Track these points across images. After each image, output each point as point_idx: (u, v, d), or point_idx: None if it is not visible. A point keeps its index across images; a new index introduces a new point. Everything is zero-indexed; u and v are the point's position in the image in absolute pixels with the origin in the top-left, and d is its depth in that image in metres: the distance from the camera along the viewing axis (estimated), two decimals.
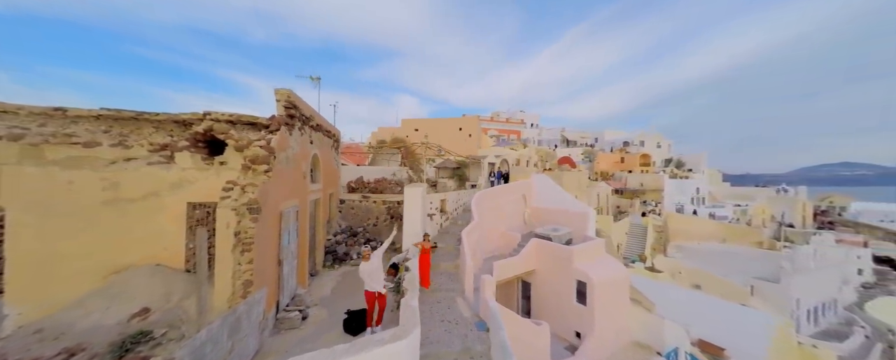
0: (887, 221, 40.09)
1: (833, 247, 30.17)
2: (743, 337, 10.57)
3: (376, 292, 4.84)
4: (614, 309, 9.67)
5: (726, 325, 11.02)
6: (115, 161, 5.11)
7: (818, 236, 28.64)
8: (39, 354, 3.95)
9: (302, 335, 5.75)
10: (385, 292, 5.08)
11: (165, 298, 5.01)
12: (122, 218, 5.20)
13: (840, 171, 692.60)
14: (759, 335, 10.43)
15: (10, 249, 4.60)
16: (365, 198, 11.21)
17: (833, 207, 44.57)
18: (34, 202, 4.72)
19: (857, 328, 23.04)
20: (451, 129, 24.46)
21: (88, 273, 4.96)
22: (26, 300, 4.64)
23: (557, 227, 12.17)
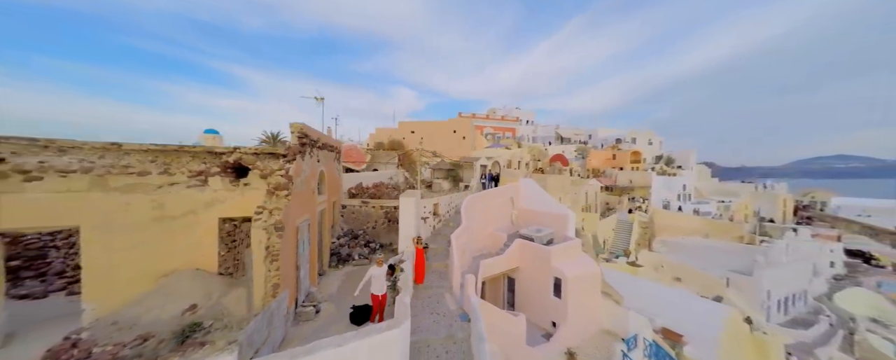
0: (864, 215, 41.96)
1: (808, 241, 31.90)
2: (700, 325, 12.04)
3: (381, 294, 6.09)
4: (586, 302, 11.04)
5: (686, 315, 12.47)
6: (162, 186, 6.26)
7: (792, 232, 30.28)
8: (120, 340, 5.17)
9: (316, 326, 7.01)
10: (386, 294, 6.35)
11: (207, 296, 6.23)
12: (168, 232, 6.38)
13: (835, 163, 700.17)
14: (714, 324, 11.89)
15: (84, 258, 5.78)
16: (364, 203, 12.42)
17: (814, 201, 46.42)
18: (100, 221, 5.88)
19: (823, 317, 24.85)
20: (446, 131, 25.54)
21: (143, 277, 6.16)
22: (97, 298, 5.84)
23: (540, 228, 13.48)
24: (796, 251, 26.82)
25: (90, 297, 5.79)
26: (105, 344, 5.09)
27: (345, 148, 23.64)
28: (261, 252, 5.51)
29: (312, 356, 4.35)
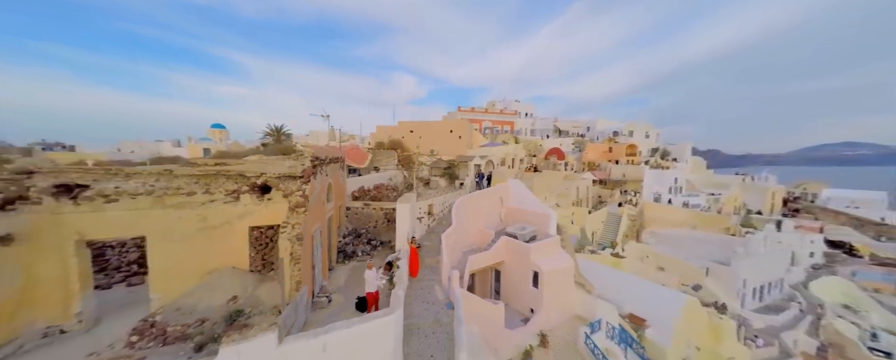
0: (852, 207, 43.24)
1: (790, 233, 33.44)
2: (661, 311, 13.78)
3: (375, 291, 7.79)
4: (559, 291, 12.75)
5: (650, 302, 14.21)
6: (204, 202, 7.85)
7: (772, 224, 31.75)
8: (184, 322, 6.89)
9: (329, 313, 8.73)
10: (378, 290, 8.07)
11: (244, 289, 7.93)
12: (210, 238, 8.02)
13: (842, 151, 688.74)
14: (673, 309, 13.62)
15: (150, 260, 7.45)
16: (366, 205, 14.03)
17: (806, 193, 47.63)
18: (160, 231, 7.51)
19: (794, 304, 26.67)
20: (443, 130, 26.82)
21: (193, 274, 7.85)
22: (161, 290, 7.55)
23: (525, 226, 15.07)
24: (774, 243, 28.40)
25: (156, 289, 7.50)
26: (174, 325, 6.81)
27: (347, 148, 25.12)
28: (287, 257, 7.13)
29: (329, 335, 6.02)
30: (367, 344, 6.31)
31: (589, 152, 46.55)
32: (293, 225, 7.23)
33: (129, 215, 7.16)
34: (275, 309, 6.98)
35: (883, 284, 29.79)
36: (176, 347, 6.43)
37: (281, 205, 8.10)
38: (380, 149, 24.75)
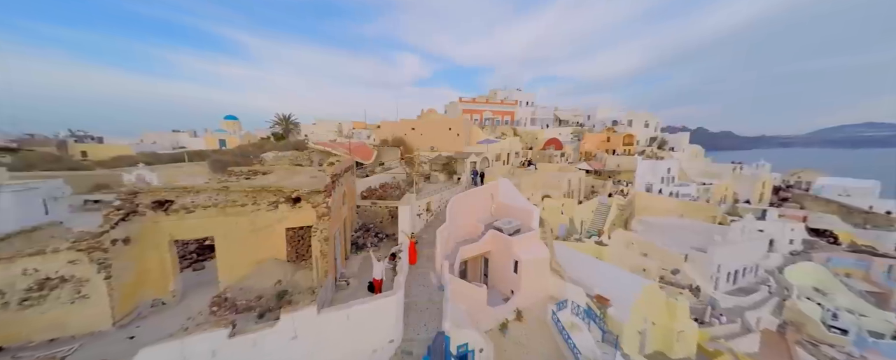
0: (844, 195, 44.60)
1: (773, 221, 35.41)
2: (623, 292, 16.39)
3: (380, 279, 10.43)
4: (534, 277, 15.37)
5: (615, 285, 16.81)
6: (253, 211, 10.41)
7: (750, 214, 33.66)
8: (247, 298, 9.63)
9: (348, 293, 11.46)
10: (382, 277, 10.69)
11: (285, 275, 10.64)
12: (258, 237, 10.65)
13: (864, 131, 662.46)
14: (633, 291, 16.21)
15: (218, 253, 10.14)
16: (374, 204, 16.58)
17: (800, 181, 48.87)
18: (223, 232, 10.14)
19: (764, 286, 29.23)
20: (443, 128, 28.87)
21: (247, 263, 10.55)
22: (225, 275, 10.28)
23: (511, 220, 17.56)
24: (752, 231, 30.49)
25: (222, 275, 10.24)
26: (241, 299, 9.58)
27: (355, 145, 27.47)
28: (317, 253, 9.73)
29: (351, 308, 8.67)
30: (378, 316, 9.00)
31: (587, 142, 48.09)
32: (321, 230, 9.77)
33: (202, 221, 9.77)
34: (310, 290, 9.67)
35: (854, 269, 32.03)
36: (244, 315, 9.19)
37: (309, 211, 10.62)
38: (384, 146, 27.04)
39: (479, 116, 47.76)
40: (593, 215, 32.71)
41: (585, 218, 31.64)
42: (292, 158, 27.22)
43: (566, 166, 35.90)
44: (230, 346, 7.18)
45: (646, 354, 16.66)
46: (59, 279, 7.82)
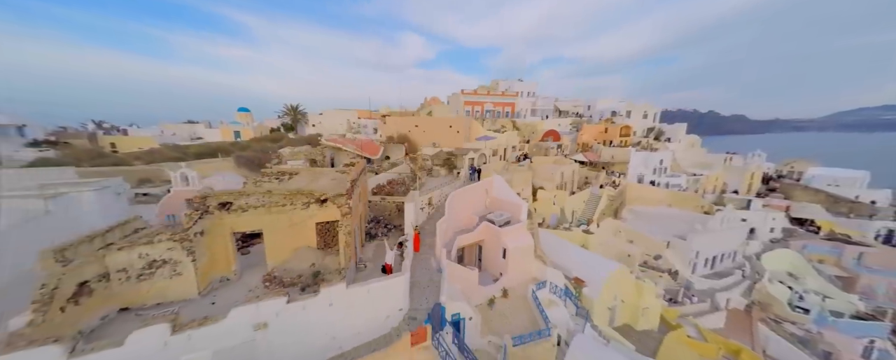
0: (833, 185, 46.37)
1: (757, 211, 37.69)
2: (597, 275, 19.26)
3: (391, 263, 13.32)
4: (519, 262, 18.22)
5: (590, 268, 19.66)
6: (290, 210, 13.24)
7: (730, 205, 35.86)
8: (291, 276, 12.63)
9: (366, 274, 14.44)
10: (392, 262, 13.55)
11: (316, 259, 13.61)
12: (294, 230, 13.54)
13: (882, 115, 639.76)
14: (604, 274, 19.06)
15: (266, 243, 13.08)
16: (383, 199, 19.36)
17: (793, 171, 50.48)
18: (269, 226, 13.02)
19: (739, 271, 32.02)
20: (444, 126, 31.10)
21: (288, 250, 13.50)
22: (273, 259, 13.27)
23: (502, 213, 20.29)
24: (731, 220, 32.88)
25: (270, 259, 13.23)
26: (286, 277, 12.58)
27: (363, 142, 30.04)
28: (343, 244, 12.60)
29: (370, 285, 11.60)
30: (390, 291, 11.95)
31: (585, 133, 49.87)
32: (345, 225, 12.60)
33: (253, 218, 12.64)
34: (337, 271, 12.62)
35: (827, 256, 34.58)
36: (290, 288, 12.19)
37: (334, 209, 13.41)
38: (390, 142, 29.52)
39: (480, 108, 49.55)
40: (584, 205, 35.32)
41: (577, 208, 34.26)
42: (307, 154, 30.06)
43: (561, 159, 38.12)
44: (288, 309, 10.19)
45: (614, 326, 19.73)
46: (162, 261, 10.81)
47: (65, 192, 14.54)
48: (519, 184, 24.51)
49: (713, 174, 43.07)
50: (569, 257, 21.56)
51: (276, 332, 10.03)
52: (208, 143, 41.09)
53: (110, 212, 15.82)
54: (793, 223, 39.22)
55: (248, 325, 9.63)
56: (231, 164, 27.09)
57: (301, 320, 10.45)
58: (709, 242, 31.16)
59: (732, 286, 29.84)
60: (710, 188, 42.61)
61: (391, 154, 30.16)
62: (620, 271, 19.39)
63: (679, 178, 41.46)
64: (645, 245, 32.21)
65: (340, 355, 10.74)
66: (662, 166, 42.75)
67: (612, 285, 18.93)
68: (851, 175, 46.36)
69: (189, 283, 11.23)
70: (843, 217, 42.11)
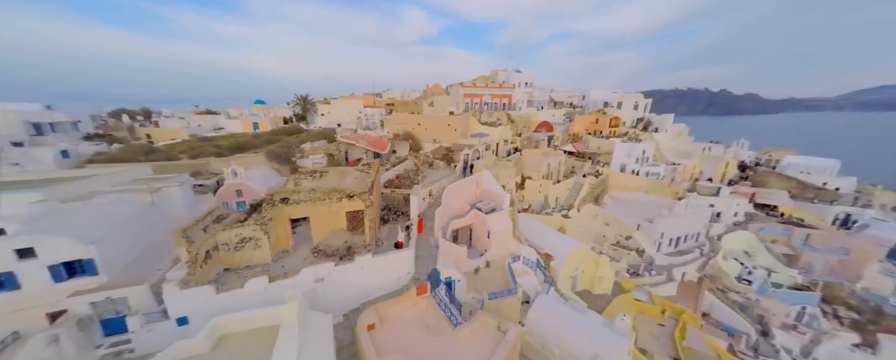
0: (805, 173, 50.46)
1: (725, 198, 42.27)
2: (562, 251, 24.52)
3: (400, 241, 18.59)
4: (500, 241, 23.48)
5: (556, 245, 24.91)
6: (329, 202, 18.41)
7: (694, 192, 40.43)
8: (331, 249, 17.99)
9: (383, 249, 19.76)
10: (402, 240, 18.82)
11: (348, 238, 18.96)
12: (331, 216, 18.79)
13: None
14: (568, 250, 24.32)
15: (313, 226, 18.39)
16: (392, 191, 24.44)
17: (770, 159, 54.39)
18: (314, 215, 18.25)
19: (698, 249, 37.25)
20: (444, 124, 35.45)
21: (327, 231, 18.82)
22: (316, 237, 18.63)
23: (489, 202, 25.39)
24: (695, 207, 37.65)
25: (315, 237, 18.58)
26: (327, 249, 17.96)
27: (373, 138, 34.74)
28: (368, 227, 17.82)
29: (388, 255, 16.93)
30: (401, 261, 17.30)
31: (576, 124, 53.77)
32: (368, 214, 17.76)
33: (303, 208, 17.80)
34: (364, 246, 17.93)
35: (780, 237, 39.58)
36: (331, 258, 17.55)
37: (359, 202, 18.54)
38: (397, 139, 34.11)
39: (479, 100, 53.26)
40: (568, 193, 40.21)
41: (560, 195, 39.19)
42: (325, 149, 35.10)
43: (549, 151, 42.55)
44: (335, 271, 15.57)
45: (576, 291, 25.26)
46: (248, 238, 16.13)
47: (160, 187, 19.75)
48: (504, 177, 29.30)
49: (690, 163, 47.29)
50: (542, 237, 26.82)
51: (328, 284, 15.46)
52: (234, 135, 45.96)
53: (187, 202, 21.13)
54: (758, 208, 43.87)
55: (311, 279, 15.04)
56: (263, 158, 32.04)
57: (343, 277, 15.87)
58: (673, 225, 36.15)
59: (690, 262, 35.18)
60: (687, 176, 47.00)
61: (397, 149, 34.95)
62: (581, 249, 24.64)
63: (658, 167, 45.81)
64: (618, 227, 37.39)
65: (369, 301, 16.25)
66: (645, 156, 47.01)
67: (574, 259, 24.24)
68: (823, 163, 50.28)
69: (265, 253, 16.61)
70: (808, 203, 46.63)
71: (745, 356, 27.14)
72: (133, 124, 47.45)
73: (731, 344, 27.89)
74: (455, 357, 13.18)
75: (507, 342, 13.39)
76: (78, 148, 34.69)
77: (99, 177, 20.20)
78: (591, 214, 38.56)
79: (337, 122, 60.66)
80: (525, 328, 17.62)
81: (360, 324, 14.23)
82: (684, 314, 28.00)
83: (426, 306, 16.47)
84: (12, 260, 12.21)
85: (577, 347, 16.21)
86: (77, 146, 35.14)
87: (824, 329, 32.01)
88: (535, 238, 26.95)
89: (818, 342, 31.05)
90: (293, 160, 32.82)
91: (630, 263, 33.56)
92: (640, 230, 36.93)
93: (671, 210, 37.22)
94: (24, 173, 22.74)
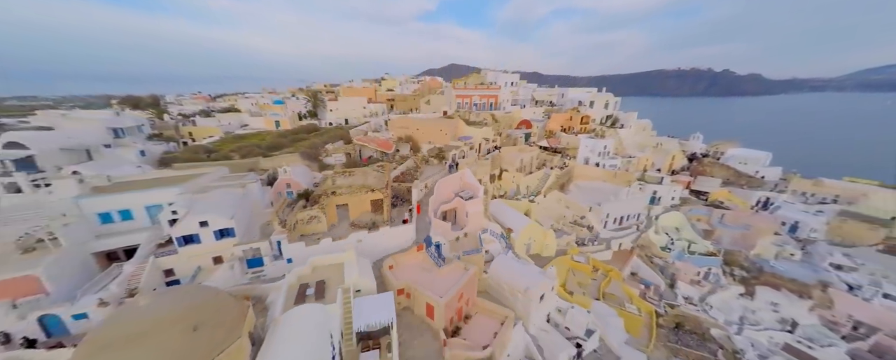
0: (743, 163, 60.73)
1: (667, 186, 52.74)
2: (518, 226, 35.26)
3: (407, 219, 29.14)
4: (475, 219, 34.17)
5: (516, 222, 35.66)
6: (360, 193, 28.82)
7: (641, 181, 50.84)
8: (362, 224, 28.54)
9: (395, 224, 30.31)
10: (408, 218, 29.42)
11: (371, 217, 29.57)
12: (361, 203, 29.31)
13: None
14: (523, 225, 35.07)
15: (350, 209, 28.92)
16: (399, 184, 34.81)
17: (717, 151, 64.44)
18: (351, 201, 28.71)
19: (635, 226, 48.11)
20: (437, 128, 45.04)
21: (359, 212, 29.38)
22: (353, 216, 29.23)
23: (468, 191, 35.93)
24: (636, 193, 48.12)
25: (351, 216, 29.15)
26: (358, 224, 28.56)
27: (380, 140, 44.74)
28: (385, 210, 28.25)
29: (398, 228, 27.52)
30: (406, 231, 28.07)
31: (552, 121, 63.28)
32: (386, 202, 28.14)
33: (344, 198, 28.10)
34: (383, 221, 28.48)
35: (703, 216, 50.49)
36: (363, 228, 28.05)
37: (379, 194, 28.92)
38: (400, 141, 43.73)
39: (469, 100, 62.22)
40: (538, 182, 50.57)
41: (531, 184, 49.58)
42: (344, 149, 45.35)
43: (524, 147, 52.45)
44: (367, 236, 26.27)
45: (529, 253, 36.19)
46: (314, 216, 26.57)
47: (245, 183, 29.95)
48: (481, 173, 39.40)
49: (643, 156, 57.34)
50: (507, 217, 37.52)
51: (364, 244, 26.10)
52: (261, 134, 55.51)
53: (260, 192, 31.45)
54: (693, 194, 54.49)
55: (354, 240, 25.65)
56: (297, 157, 41.99)
57: (372, 240, 26.50)
58: (617, 207, 46.84)
59: (628, 235, 46.19)
60: (640, 167, 57.19)
61: (400, 148, 45.00)
62: (532, 225, 35.37)
63: (616, 159, 55.91)
64: (575, 209, 48.11)
65: (389, 253, 26.99)
66: (606, 151, 57.00)
67: (527, 232, 35.02)
68: (756, 155, 60.46)
69: (323, 225, 27.17)
70: (740, 188, 57.26)
71: (651, 300, 38.62)
72: (177, 124, 56.89)
73: (643, 291, 39.47)
74: (439, 282, 23.93)
75: (468, 273, 24.13)
76: (148, 147, 44.64)
77: (204, 176, 30.39)
78: (555, 198, 49.15)
79: (344, 117, 69.90)
80: (487, 275, 28.49)
81: (385, 266, 24.94)
82: (611, 271, 39.40)
83: (422, 256, 27.20)
84: (196, 227, 22.58)
85: (518, 284, 27.09)
86: (147, 146, 45.04)
87: (721, 284, 43.53)
88: (501, 217, 37.64)
89: (714, 292, 42.61)
90: (320, 159, 42.92)
91: (579, 236, 44.54)
92: (591, 211, 47.67)
93: (616, 195, 47.79)
94: (150, 173, 32.95)
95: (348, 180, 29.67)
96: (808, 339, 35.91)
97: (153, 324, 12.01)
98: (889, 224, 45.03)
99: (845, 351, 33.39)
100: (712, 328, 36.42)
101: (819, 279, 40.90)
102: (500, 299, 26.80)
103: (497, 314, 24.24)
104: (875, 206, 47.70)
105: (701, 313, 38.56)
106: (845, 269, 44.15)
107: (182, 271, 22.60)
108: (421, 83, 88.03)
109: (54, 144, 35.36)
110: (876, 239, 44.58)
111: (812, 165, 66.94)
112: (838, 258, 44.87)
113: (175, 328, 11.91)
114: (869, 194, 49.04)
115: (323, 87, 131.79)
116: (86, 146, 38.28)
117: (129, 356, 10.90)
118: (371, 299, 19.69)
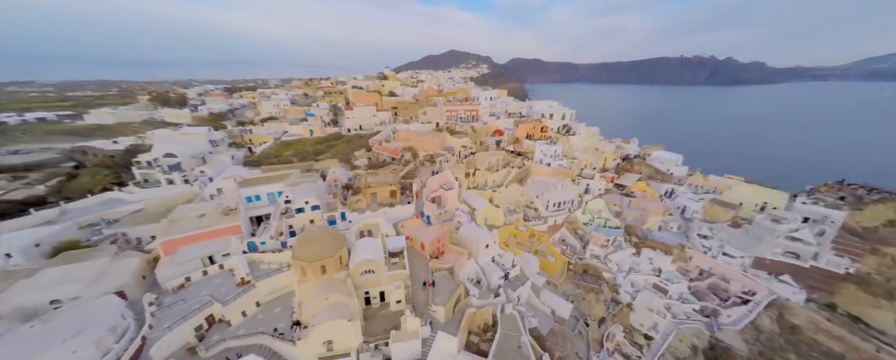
0: (661, 163, 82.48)
1: (597, 180, 74.84)
2: (479, 207, 57.60)
3: (410, 201, 51.46)
4: (452, 203, 56.70)
5: (478, 204, 58.08)
6: (385, 186, 51.14)
7: (575, 178, 72.85)
8: (386, 204, 50.88)
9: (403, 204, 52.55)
10: (412, 201, 51.83)
11: (391, 200, 52.06)
12: (385, 192, 51.77)
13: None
14: (482, 206, 57.47)
15: (378, 195, 51.45)
16: (404, 180, 56.99)
17: (646, 153, 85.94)
18: (379, 192, 51.09)
19: (568, 209, 70.81)
20: (430, 140, 66.58)
21: (382, 197, 51.85)
22: (380, 200, 51.76)
23: (448, 184, 58.47)
24: (568, 186, 70.13)
25: (379, 200, 51.56)
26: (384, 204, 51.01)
27: (391, 149, 66.95)
28: (398, 196, 50.50)
29: (406, 206, 49.77)
30: (410, 208, 50.47)
31: (519, 130, 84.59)
32: (397, 191, 50.30)
33: (375, 189, 50.19)
34: (397, 203, 50.83)
35: (618, 202, 72.99)
36: (386, 206, 50.33)
37: (395, 187, 51.12)
38: (404, 149, 65.19)
39: (456, 114, 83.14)
40: (502, 178, 72.60)
41: (497, 179, 71.68)
42: (366, 155, 68.43)
43: (495, 151, 74.09)
44: (389, 210, 48.76)
45: (486, 224, 58.74)
46: (358, 200, 48.82)
47: (315, 179, 51.90)
48: (458, 172, 61.39)
49: (584, 158, 78.90)
50: (474, 201, 59.98)
51: (387, 214, 48.42)
52: (302, 140, 77.26)
53: (321, 185, 53.56)
54: (617, 187, 76.50)
55: (382, 212, 48.00)
56: (336, 161, 63.83)
57: (391, 212, 48.99)
58: (555, 195, 69.12)
59: (561, 215, 68.72)
60: (581, 166, 78.88)
61: (404, 154, 67.22)
62: (487, 206, 57.79)
63: (562, 160, 77.58)
64: (526, 197, 70.44)
65: (400, 220, 49.39)
66: (556, 154, 78.72)
67: (483, 211, 57.53)
68: (670, 157, 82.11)
69: (364, 204, 49.56)
70: (655, 182, 79.24)
71: (567, 255, 61.44)
72: (242, 133, 78.60)
73: (563, 250, 62.39)
74: (427, 233, 46.26)
75: (443, 229, 46.52)
76: (234, 153, 66.76)
77: (292, 174, 52.53)
78: (513, 189, 71.39)
79: (359, 124, 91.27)
80: (458, 233, 50.84)
81: (399, 225, 47.30)
82: (542, 236, 62.22)
83: (419, 222, 49.55)
84: (303, 204, 44.82)
85: (474, 238, 49.56)
86: (231, 151, 67.16)
87: (622, 246, 66.22)
88: (470, 201, 60.04)
89: (615, 251, 65.38)
90: (351, 162, 64.98)
91: (527, 214, 66.98)
92: (538, 198, 69.98)
93: (555, 187, 70.05)
94: (258, 174, 55.18)
95: (375, 179, 51.69)
96: (667, 280, 58.99)
97: (317, 235, 34.46)
98: (736, 208, 67.14)
99: (686, 286, 56.23)
100: (604, 273, 59.67)
101: (679, 243, 63.82)
102: (464, 246, 49.57)
103: (460, 252, 46.93)
104: (732, 195, 69.76)
105: (600, 264, 61.51)
106: (707, 238, 67.15)
107: (297, 226, 45.06)
108: (420, 92, 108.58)
109: (188, 153, 57.48)
110: (727, 218, 66.75)
111: (716, 164, 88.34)
112: (704, 231, 67.67)
113: (326, 238, 34.36)
114: (733, 187, 71.00)
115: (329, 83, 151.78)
116: (202, 154, 60.35)
117: (314, 245, 33.36)
118: (393, 238, 42.17)
